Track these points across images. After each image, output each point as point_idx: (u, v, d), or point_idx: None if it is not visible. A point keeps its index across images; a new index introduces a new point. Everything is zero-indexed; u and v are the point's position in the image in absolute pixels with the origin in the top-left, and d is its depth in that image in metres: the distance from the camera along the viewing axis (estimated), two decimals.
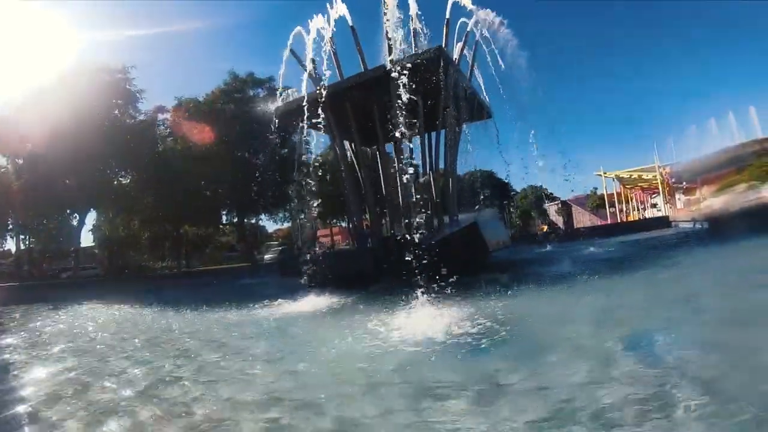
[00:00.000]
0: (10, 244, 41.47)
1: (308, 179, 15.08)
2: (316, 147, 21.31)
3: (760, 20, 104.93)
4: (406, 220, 14.84)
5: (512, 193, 68.13)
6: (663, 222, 32.49)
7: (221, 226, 51.24)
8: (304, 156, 19.57)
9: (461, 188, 20.68)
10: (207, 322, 9.33)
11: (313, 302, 10.80)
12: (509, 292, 8.68)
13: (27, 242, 40.92)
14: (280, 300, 11.41)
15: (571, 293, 8.39)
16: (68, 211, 36.43)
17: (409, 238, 9.97)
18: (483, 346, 4.93)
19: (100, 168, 34.19)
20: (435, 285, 7.66)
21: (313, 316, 9.03)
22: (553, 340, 4.90)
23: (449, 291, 7.77)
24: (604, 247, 19.26)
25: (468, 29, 17.27)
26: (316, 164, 16.42)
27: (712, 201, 32.42)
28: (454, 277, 7.95)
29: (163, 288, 23.45)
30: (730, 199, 26.87)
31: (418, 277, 7.82)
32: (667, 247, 16.81)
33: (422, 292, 7.61)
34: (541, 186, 64.45)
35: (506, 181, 58.52)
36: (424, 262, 8.18)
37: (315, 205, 17.58)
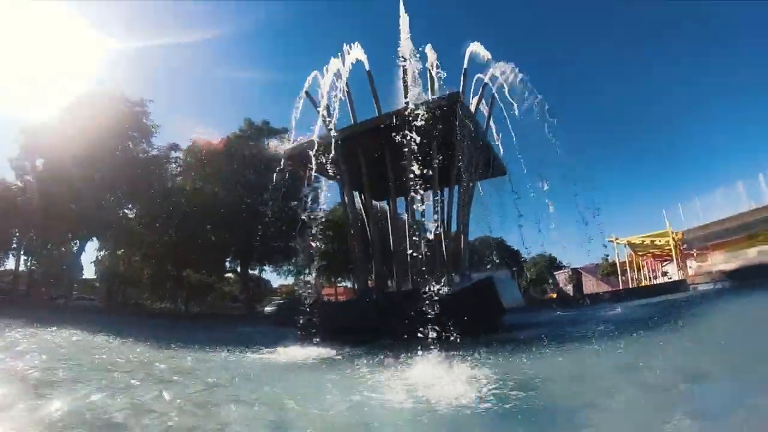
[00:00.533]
0: (11, 264, 41.24)
1: (314, 231, 14.41)
2: (325, 200, 20.72)
3: None
4: (415, 276, 14.09)
5: (522, 259, 68.06)
6: (681, 285, 31.71)
7: (225, 276, 50.59)
8: (310, 205, 19.00)
9: (471, 253, 19.92)
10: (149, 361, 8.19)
11: (301, 353, 9.91)
12: (529, 352, 7.75)
13: (29, 264, 40.40)
14: (263, 348, 10.56)
15: (591, 354, 7.49)
16: (69, 236, 35.70)
17: (417, 291, 9.24)
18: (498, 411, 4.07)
19: (107, 197, 33.83)
20: (443, 341, 6.81)
21: (288, 368, 8.15)
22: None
23: (460, 348, 6.93)
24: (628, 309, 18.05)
25: (485, 81, 16.97)
26: (324, 218, 15.81)
27: (727, 264, 32.96)
28: (466, 334, 7.15)
29: (150, 325, 22.15)
30: (747, 260, 28.05)
31: (425, 332, 7.01)
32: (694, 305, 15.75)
33: (427, 348, 6.75)
34: (551, 255, 64.43)
35: (516, 249, 58.38)
36: (433, 316, 7.42)
37: (319, 260, 16.78)
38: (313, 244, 14.04)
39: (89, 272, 48.36)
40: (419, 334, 7.11)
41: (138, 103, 35.12)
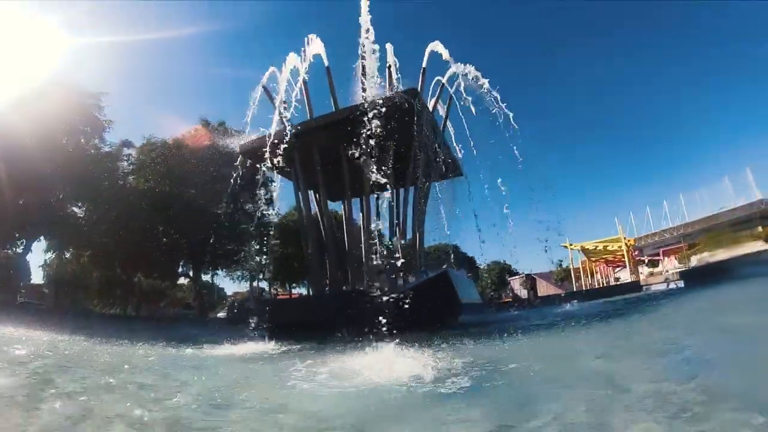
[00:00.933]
0: None
1: (268, 234, 14.03)
2: (279, 201, 20.21)
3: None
4: (369, 276, 13.88)
5: (478, 265, 69.10)
6: (635, 286, 33.16)
7: (178, 283, 49.30)
8: (264, 206, 18.48)
9: (427, 258, 19.90)
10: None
11: (252, 348, 9.50)
12: (479, 341, 7.69)
13: None
14: (214, 345, 10.10)
15: (533, 342, 7.66)
16: (16, 235, 33.65)
17: (373, 288, 9.02)
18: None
19: (56, 193, 32.10)
20: (395, 335, 6.61)
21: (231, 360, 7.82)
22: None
23: (412, 341, 6.74)
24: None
25: (443, 82, 16.95)
26: (276, 220, 15.40)
27: (677, 267, 35.87)
28: (423, 329, 6.97)
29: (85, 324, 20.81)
30: (697, 262, 30.96)
31: (379, 327, 6.80)
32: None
33: (379, 341, 6.55)
34: (505, 262, 65.58)
35: (471, 256, 59.15)
36: (388, 312, 7.20)
37: (272, 264, 16.28)
38: (266, 248, 13.72)
39: (38, 277, 46.12)
40: (373, 330, 6.92)
41: (92, 96, 33.48)
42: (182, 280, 48.97)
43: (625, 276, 49.16)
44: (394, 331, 6.68)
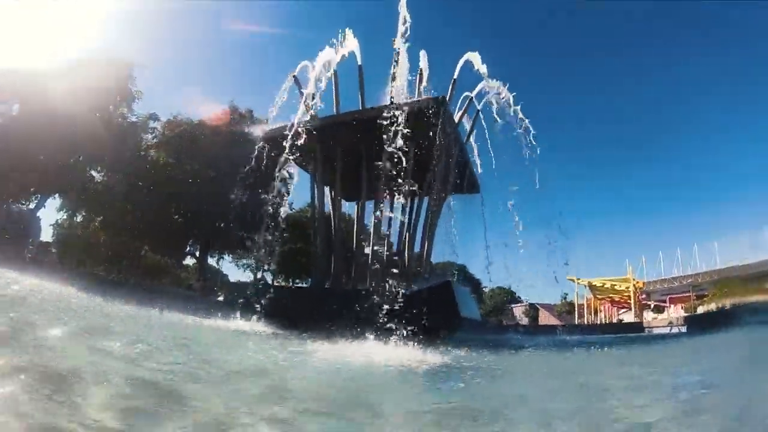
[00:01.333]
0: None
1: (277, 224, 14.14)
2: (296, 198, 20.33)
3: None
4: (373, 278, 13.90)
5: (484, 287, 69.09)
6: (636, 327, 32.97)
7: (184, 264, 49.53)
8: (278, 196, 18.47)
9: (433, 273, 19.83)
10: None
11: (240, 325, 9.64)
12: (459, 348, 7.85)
13: None
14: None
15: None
16: (32, 190, 33.91)
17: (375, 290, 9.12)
18: None
19: (77, 156, 32.48)
20: (385, 333, 6.71)
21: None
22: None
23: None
24: None
25: (471, 97, 16.89)
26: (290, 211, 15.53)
27: (682, 313, 36.62)
28: (419, 335, 7.06)
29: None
30: (703, 309, 31.77)
31: (373, 325, 6.89)
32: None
33: (365, 336, 6.66)
34: (510, 288, 65.57)
35: (478, 278, 59.04)
36: (386, 313, 7.27)
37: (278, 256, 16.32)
38: (276, 239, 13.81)
39: (47, 235, 46.54)
40: (368, 327, 6.98)
41: (126, 66, 33.79)
42: (188, 261, 49.17)
43: (629, 318, 48.67)
44: (387, 333, 6.74)
